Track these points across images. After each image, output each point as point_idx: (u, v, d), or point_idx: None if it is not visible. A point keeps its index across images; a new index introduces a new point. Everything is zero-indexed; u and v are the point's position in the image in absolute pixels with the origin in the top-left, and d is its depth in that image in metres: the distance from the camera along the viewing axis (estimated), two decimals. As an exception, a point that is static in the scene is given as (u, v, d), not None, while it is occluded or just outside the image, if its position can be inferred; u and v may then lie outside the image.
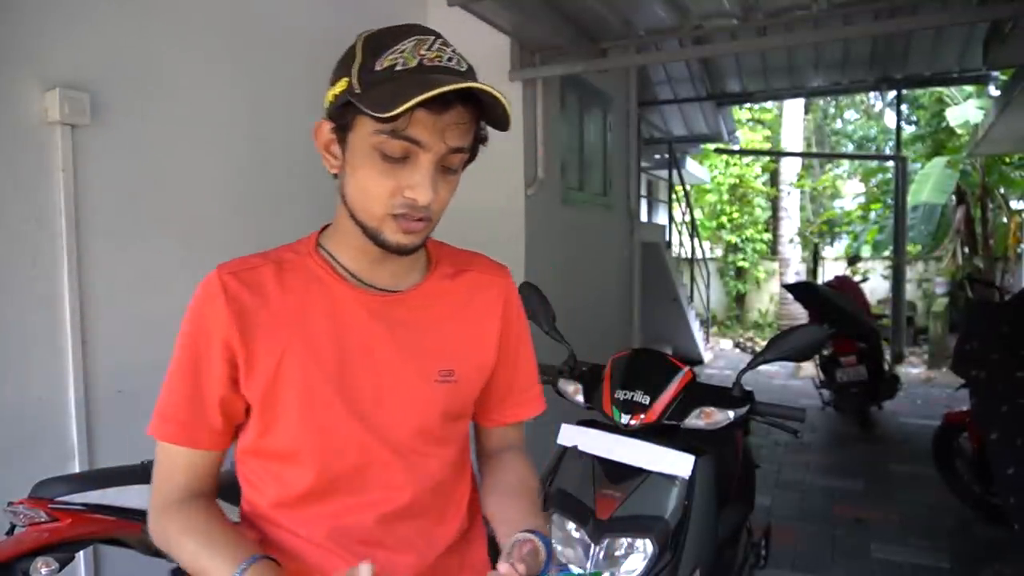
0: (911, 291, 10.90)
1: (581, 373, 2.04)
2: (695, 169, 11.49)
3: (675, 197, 9.42)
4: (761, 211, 14.31)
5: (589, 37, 3.80)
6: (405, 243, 0.88)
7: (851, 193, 17.40)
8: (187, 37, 2.29)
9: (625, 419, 1.81)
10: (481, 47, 3.47)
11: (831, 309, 5.20)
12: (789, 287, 6.18)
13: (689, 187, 10.63)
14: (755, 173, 14.36)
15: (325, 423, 0.91)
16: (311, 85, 1.42)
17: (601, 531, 1.68)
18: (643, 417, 1.80)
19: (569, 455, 1.86)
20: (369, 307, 0.94)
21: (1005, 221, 10.93)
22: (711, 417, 1.80)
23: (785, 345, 1.81)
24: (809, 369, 6.77)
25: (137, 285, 2.14)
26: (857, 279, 6.66)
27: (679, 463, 1.70)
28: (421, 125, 0.82)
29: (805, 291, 5.79)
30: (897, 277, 8.92)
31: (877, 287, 10.83)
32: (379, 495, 0.95)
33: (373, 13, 3.21)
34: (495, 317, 1.04)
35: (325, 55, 1.01)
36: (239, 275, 0.92)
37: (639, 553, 1.65)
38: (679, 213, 9.75)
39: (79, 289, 1.97)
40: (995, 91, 8.14)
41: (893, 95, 8.93)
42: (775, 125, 15.41)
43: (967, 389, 3.17)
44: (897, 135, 9.38)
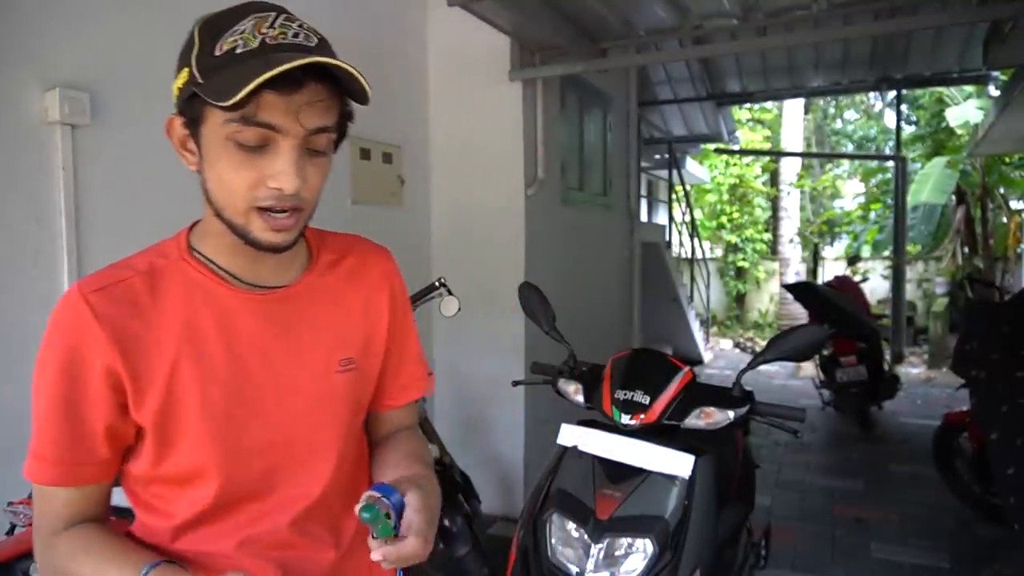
0: (911, 291, 10.90)
1: (581, 373, 2.03)
2: (695, 169, 11.49)
3: (675, 197, 9.41)
4: (761, 211, 14.33)
5: (589, 37, 3.80)
6: (277, 241, 0.83)
7: (851, 193, 17.40)
8: (187, 37, 2.29)
9: (625, 419, 1.81)
10: (481, 47, 3.48)
11: (831, 309, 5.20)
12: (789, 287, 6.18)
13: (689, 187, 10.63)
14: (755, 173, 14.37)
15: (228, 433, 0.87)
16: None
17: (601, 531, 1.68)
18: (643, 417, 1.80)
19: (569, 455, 1.86)
20: (256, 307, 0.90)
21: (1005, 221, 10.92)
22: (711, 417, 1.80)
23: (785, 345, 1.81)
24: (809, 369, 6.76)
25: (137, 285, 2.13)
26: (857, 279, 6.65)
27: (679, 463, 1.70)
28: (272, 108, 0.76)
29: (805, 291, 5.80)
30: (897, 277, 8.92)
31: (877, 287, 10.84)
32: (289, 495, 0.93)
33: (373, 13, 3.21)
34: (383, 300, 1.02)
35: (325, 55, 1.01)
36: (107, 292, 0.84)
37: (639, 553, 1.65)
38: (679, 213, 9.74)
39: (79, 289, 1.96)
40: (995, 91, 8.14)
41: (893, 95, 8.93)
42: (775, 125, 15.41)
43: (967, 389, 3.17)
44: (897, 135, 9.37)
